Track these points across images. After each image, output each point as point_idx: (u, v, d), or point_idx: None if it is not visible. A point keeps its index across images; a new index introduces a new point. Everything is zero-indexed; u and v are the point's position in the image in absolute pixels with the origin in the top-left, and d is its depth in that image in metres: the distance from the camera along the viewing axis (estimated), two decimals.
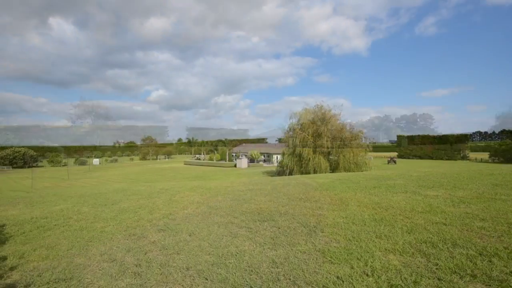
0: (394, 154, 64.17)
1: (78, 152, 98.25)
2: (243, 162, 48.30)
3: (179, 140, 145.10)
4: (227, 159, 57.16)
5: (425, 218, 4.36)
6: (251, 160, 53.10)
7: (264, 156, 55.38)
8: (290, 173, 27.22)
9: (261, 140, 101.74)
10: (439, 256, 2.99)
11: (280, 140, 59.05)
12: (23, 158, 59.01)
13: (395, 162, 46.31)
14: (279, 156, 42.74)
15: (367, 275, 2.70)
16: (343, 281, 2.61)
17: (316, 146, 26.89)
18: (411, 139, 62.72)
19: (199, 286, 2.72)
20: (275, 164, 44.12)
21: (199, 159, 64.16)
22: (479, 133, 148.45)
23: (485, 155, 50.59)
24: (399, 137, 65.69)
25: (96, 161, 71.92)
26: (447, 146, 57.13)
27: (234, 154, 59.48)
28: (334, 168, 27.00)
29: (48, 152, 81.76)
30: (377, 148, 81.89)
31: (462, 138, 56.87)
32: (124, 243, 4.05)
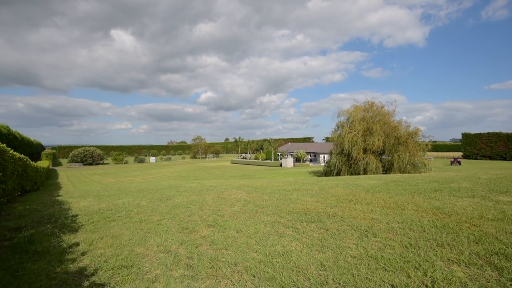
0: (459, 154, 57.96)
1: (137, 151, 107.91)
2: (288, 162, 47.97)
3: (226, 139, 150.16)
4: (273, 158, 57.33)
5: (497, 227, 3.83)
6: (297, 159, 52.50)
7: (310, 156, 54.32)
8: (338, 174, 26.25)
9: (307, 139, 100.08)
10: None
11: (327, 139, 57.33)
12: (91, 156, 66.51)
13: (459, 163, 41.70)
14: (326, 156, 41.53)
15: (427, 286, 2.46)
16: None
17: (367, 145, 25.42)
18: (479, 137, 55.68)
19: (247, 282, 2.77)
20: (322, 164, 43.00)
21: (245, 158, 65.49)
22: None
23: None
24: (464, 135, 58.70)
25: (153, 159, 78.15)
26: None
27: (279, 153, 59.45)
28: (387, 169, 25.30)
29: (112, 151, 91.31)
30: (438, 147, 74.75)
31: None
32: (178, 236, 4.32)
